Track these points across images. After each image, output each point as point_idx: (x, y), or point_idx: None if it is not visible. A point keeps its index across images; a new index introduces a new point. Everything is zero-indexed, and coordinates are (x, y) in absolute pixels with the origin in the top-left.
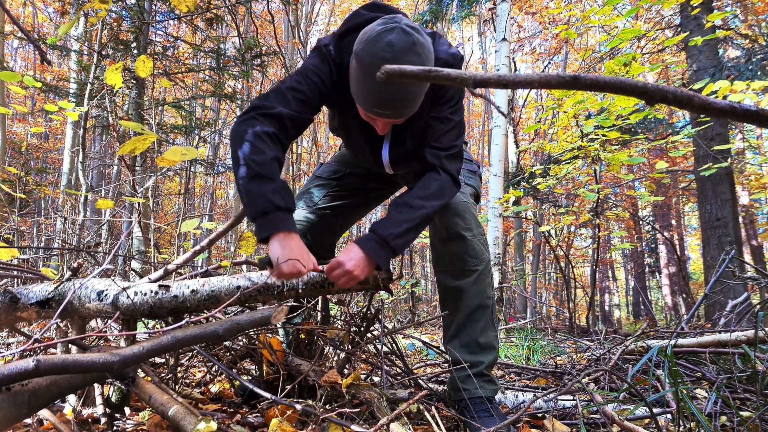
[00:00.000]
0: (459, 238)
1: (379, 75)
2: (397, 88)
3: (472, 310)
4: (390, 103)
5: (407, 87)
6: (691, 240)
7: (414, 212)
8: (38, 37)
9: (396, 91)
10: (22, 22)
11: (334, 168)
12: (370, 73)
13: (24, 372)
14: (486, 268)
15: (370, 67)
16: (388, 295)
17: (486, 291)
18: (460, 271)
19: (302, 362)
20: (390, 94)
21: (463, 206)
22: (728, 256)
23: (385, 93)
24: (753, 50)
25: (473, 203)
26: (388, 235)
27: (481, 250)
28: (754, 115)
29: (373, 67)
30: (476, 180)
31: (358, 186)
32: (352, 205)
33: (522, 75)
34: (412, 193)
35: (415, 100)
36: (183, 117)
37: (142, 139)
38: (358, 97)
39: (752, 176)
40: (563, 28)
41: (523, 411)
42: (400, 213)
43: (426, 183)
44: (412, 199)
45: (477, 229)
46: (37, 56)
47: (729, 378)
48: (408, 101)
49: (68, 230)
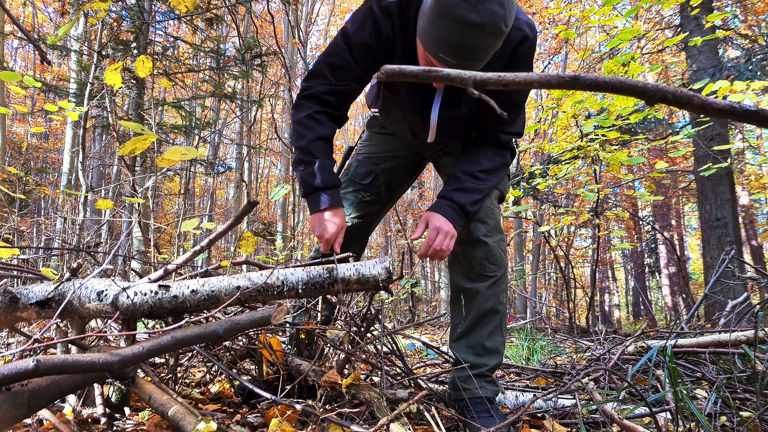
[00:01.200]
0: (480, 243)
1: (378, 75)
2: (474, 36)
3: (484, 313)
4: (461, 50)
5: (484, 37)
6: (691, 240)
7: (483, 183)
8: (38, 37)
9: (470, 39)
10: (22, 22)
11: (366, 169)
12: (447, 14)
13: (24, 372)
14: (504, 274)
15: (450, 8)
16: (388, 295)
17: (500, 297)
18: (478, 275)
19: (302, 362)
20: (464, 39)
21: (487, 211)
22: (728, 257)
23: (459, 37)
24: (753, 50)
25: (497, 206)
26: (465, 203)
27: (501, 256)
28: (754, 115)
29: (455, 8)
30: (505, 181)
31: (387, 187)
32: (379, 211)
33: (522, 75)
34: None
35: (484, 55)
36: (183, 117)
37: (142, 139)
38: (427, 39)
39: (752, 176)
40: (563, 29)
41: (523, 411)
42: (475, 182)
43: (493, 158)
44: (480, 172)
45: (498, 236)
46: (37, 56)
47: (729, 378)
48: (479, 53)
49: (68, 230)
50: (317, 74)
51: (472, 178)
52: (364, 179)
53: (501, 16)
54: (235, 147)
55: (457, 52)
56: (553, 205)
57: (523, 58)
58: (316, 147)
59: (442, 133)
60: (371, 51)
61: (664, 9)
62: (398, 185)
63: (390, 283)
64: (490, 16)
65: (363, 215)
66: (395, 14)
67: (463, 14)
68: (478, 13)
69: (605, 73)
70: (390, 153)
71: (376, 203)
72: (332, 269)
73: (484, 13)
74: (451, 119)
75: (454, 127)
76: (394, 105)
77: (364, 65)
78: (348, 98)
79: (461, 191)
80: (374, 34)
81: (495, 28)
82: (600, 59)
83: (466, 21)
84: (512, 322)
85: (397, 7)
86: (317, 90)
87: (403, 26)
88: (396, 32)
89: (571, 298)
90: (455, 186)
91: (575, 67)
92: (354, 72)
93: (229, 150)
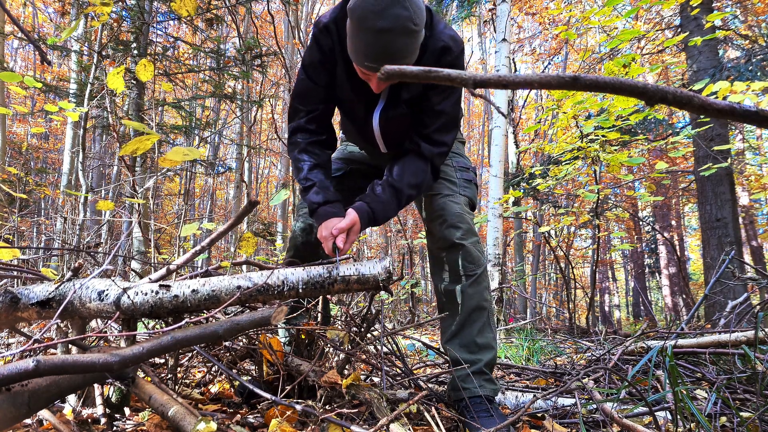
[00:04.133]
0: (458, 246)
1: (379, 75)
2: (386, 39)
3: (471, 311)
4: (379, 55)
5: (396, 39)
6: (691, 240)
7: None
8: (38, 37)
9: (384, 43)
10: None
11: (336, 165)
12: (361, 26)
13: (24, 372)
14: (483, 272)
15: (361, 20)
16: (388, 295)
17: (483, 293)
18: (459, 276)
19: (302, 362)
20: (379, 45)
21: (459, 216)
22: (728, 257)
23: (374, 45)
24: (753, 51)
25: (468, 211)
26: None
27: (479, 256)
28: (754, 116)
29: (364, 20)
30: (472, 189)
31: (357, 184)
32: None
33: (522, 75)
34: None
35: (403, 54)
36: (183, 117)
37: (145, 139)
38: (352, 53)
39: (752, 177)
40: (563, 29)
41: (523, 411)
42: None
43: (416, 172)
44: (404, 185)
45: (473, 238)
46: (37, 56)
47: (729, 378)
48: (396, 54)
49: (68, 230)
50: (293, 111)
51: (399, 192)
52: (334, 173)
53: (407, 17)
54: (235, 147)
55: (377, 57)
56: (553, 206)
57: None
58: (312, 174)
59: (388, 140)
60: (323, 66)
61: (664, 9)
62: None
63: (390, 283)
64: (396, 20)
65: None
66: (333, 30)
67: (372, 23)
68: (385, 20)
69: (605, 73)
70: (356, 158)
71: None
72: (332, 269)
73: (390, 18)
74: (394, 124)
75: (397, 133)
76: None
77: (323, 82)
78: (325, 119)
79: (380, 202)
80: (319, 51)
81: (404, 29)
82: (600, 60)
83: (376, 28)
84: (512, 322)
85: (334, 24)
86: (299, 123)
87: (341, 41)
88: (335, 45)
89: (571, 298)
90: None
91: (575, 68)
92: (319, 93)
93: (229, 150)
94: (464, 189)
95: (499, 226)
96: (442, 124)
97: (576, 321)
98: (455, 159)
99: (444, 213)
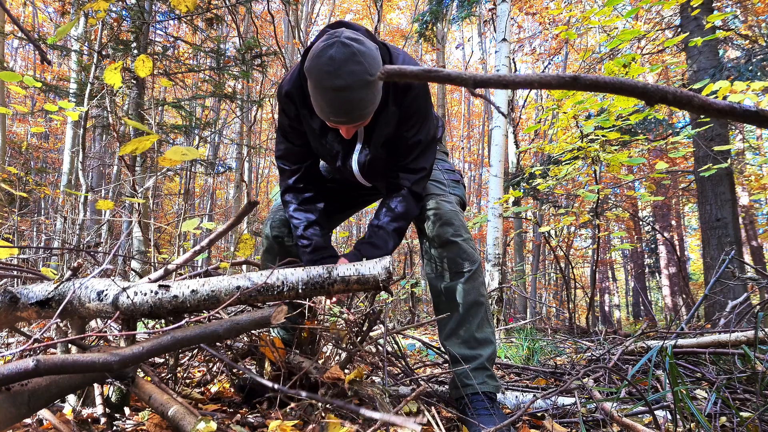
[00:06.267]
0: (451, 244)
1: (379, 74)
2: (346, 96)
3: (468, 307)
4: (342, 111)
5: (355, 94)
6: (691, 240)
7: (389, 235)
8: (38, 37)
9: (345, 100)
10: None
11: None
12: (319, 86)
13: (24, 372)
14: (478, 269)
15: (318, 80)
16: (388, 295)
17: (479, 289)
18: (454, 273)
19: (303, 360)
20: (340, 102)
21: (452, 214)
22: (728, 257)
23: (335, 102)
24: (753, 51)
25: (460, 210)
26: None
27: (473, 252)
28: (754, 116)
29: (321, 81)
30: (461, 189)
31: (340, 194)
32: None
33: (522, 75)
34: (386, 215)
35: (365, 105)
36: (183, 117)
37: (144, 139)
38: (317, 109)
39: (752, 177)
40: (563, 29)
41: (523, 411)
42: (380, 237)
43: (395, 205)
44: (387, 222)
45: (466, 234)
46: (37, 56)
47: (729, 378)
48: (358, 107)
49: (68, 230)
50: (280, 171)
51: (384, 231)
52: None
53: (361, 71)
54: (235, 147)
55: (340, 113)
56: (554, 206)
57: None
58: (308, 233)
59: (370, 179)
60: (293, 130)
61: (664, 9)
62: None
63: (390, 284)
64: (351, 76)
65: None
66: (295, 95)
67: (329, 83)
68: (341, 78)
69: (605, 73)
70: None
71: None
72: (332, 269)
73: (345, 75)
74: (370, 163)
75: (376, 171)
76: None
77: (298, 142)
78: (311, 174)
79: (371, 246)
80: (287, 117)
81: (361, 83)
82: (600, 60)
83: (334, 87)
84: (512, 322)
85: (294, 88)
86: (287, 184)
87: (305, 102)
88: (300, 109)
89: (571, 298)
90: (367, 240)
91: (575, 68)
92: (296, 153)
93: (229, 150)
94: (453, 188)
95: (499, 226)
96: (418, 153)
97: (576, 321)
98: (440, 163)
99: (437, 212)
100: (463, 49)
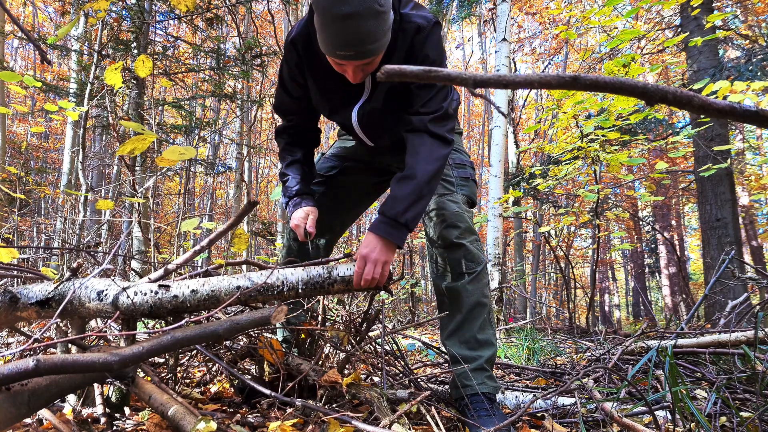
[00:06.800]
0: (457, 245)
1: (379, 75)
2: (354, 25)
3: (471, 307)
4: (349, 42)
5: (363, 23)
6: (691, 240)
7: (413, 183)
8: (38, 36)
9: (353, 30)
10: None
11: (330, 164)
12: (327, 15)
13: (24, 372)
14: (483, 270)
15: (326, 9)
16: (388, 295)
17: (483, 290)
18: (458, 275)
19: (302, 362)
20: (347, 32)
21: (457, 216)
22: (728, 257)
23: (342, 32)
24: (753, 51)
25: (467, 210)
26: (396, 214)
27: (478, 254)
28: (754, 116)
29: (329, 9)
30: (470, 186)
31: (353, 181)
32: (348, 204)
33: (522, 75)
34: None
35: (374, 38)
36: (183, 117)
37: (142, 139)
38: (323, 46)
39: (752, 177)
40: (563, 29)
41: (523, 411)
42: (401, 188)
43: (414, 149)
44: (408, 170)
45: (472, 236)
46: (37, 56)
47: (729, 378)
48: (366, 40)
49: (68, 230)
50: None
51: (405, 180)
52: (328, 171)
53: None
54: (235, 147)
55: (347, 44)
56: (554, 206)
57: (423, 45)
58: (289, 169)
59: (369, 134)
60: (294, 81)
61: (664, 9)
62: (365, 182)
63: (390, 284)
64: (361, 3)
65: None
66: (299, 43)
67: (338, 10)
68: (350, 5)
69: (605, 73)
70: (351, 154)
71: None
72: (332, 269)
73: (354, 2)
74: (370, 116)
75: (376, 124)
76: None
77: (296, 94)
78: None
79: (392, 201)
80: (287, 66)
81: (370, 11)
82: (600, 60)
83: (342, 14)
84: (512, 322)
85: (300, 36)
86: (281, 126)
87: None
88: (302, 59)
89: (571, 298)
90: (390, 196)
91: (575, 68)
92: (294, 105)
93: (229, 150)
94: (461, 188)
95: (499, 226)
96: (431, 95)
97: (576, 321)
98: (452, 156)
99: (442, 212)
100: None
